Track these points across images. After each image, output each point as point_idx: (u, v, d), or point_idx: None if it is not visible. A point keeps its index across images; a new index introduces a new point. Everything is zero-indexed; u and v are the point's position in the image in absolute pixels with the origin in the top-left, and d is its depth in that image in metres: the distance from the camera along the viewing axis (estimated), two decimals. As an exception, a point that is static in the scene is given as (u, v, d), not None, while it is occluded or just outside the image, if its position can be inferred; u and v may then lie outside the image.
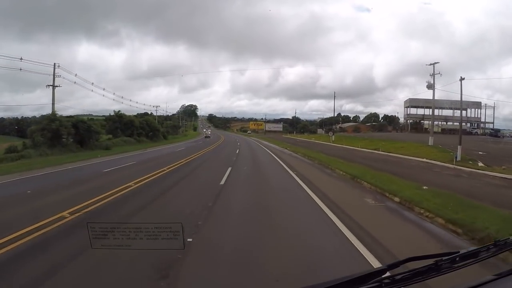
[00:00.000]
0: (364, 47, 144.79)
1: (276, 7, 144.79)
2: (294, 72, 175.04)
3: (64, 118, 25.22)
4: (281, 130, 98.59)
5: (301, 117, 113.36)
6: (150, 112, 59.65)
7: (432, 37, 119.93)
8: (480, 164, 17.72)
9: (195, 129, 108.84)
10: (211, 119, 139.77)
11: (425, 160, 19.29)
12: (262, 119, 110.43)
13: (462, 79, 19.73)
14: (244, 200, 7.41)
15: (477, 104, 58.41)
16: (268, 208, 6.57)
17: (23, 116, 51.30)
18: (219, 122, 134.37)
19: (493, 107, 61.97)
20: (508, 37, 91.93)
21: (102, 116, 47.33)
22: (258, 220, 5.61)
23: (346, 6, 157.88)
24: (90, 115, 54.68)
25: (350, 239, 4.48)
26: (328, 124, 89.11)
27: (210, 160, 18.52)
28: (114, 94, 42.14)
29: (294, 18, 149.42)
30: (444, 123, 62.61)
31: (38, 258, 3.86)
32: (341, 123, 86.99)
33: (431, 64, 27.80)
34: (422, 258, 1.33)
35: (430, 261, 1.28)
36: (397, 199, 7.49)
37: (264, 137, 68.33)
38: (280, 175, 11.93)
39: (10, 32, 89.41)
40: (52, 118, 23.67)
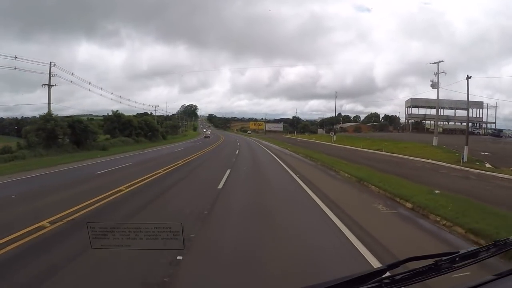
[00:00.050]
0: (364, 47, 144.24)
1: (276, 7, 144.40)
2: (294, 72, 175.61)
3: (59, 118, 24.64)
4: (281, 130, 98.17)
5: (301, 117, 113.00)
6: (150, 112, 59.38)
7: (432, 37, 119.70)
8: (488, 165, 17.42)
9: (195, 129, 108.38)
10: (211, 119, 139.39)
11: (430, 161, 18.89)
12: (262, 119, 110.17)
13: (468, 78, 19.14)
14: (243, 207, 6.77)
15: (478, 104, 57.93)
16: (269, 216, 5.98)
17: (23, 116, 50.86)
18: (219, 122, 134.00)
19: (494, 107, 61.64)
20: (508, 36, 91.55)
21: (102, 116, 46.81)
22: (259, 232, 4.96)
23: (346, 6, 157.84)
24: (90, 115, 54.57)
25: (365, 256, 3.88)
26: (328, 124, 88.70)
27: (208, 161, 17.92)
28: (112, 93, 41.51)
29: (294, 18, 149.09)
30: (446, 123, 62.23)
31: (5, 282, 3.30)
32: (341, 123, 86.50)
33: (435, 63, 27.19)
34: (422, 258, 1.32)
35: (430, 261, 1.27)
36: (409, 205, 6.94)
37: (264, 137, 67.83)
38: (281, 178, 11.33)
39: (10, 32, 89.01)
40: (47, 118, 23.09)
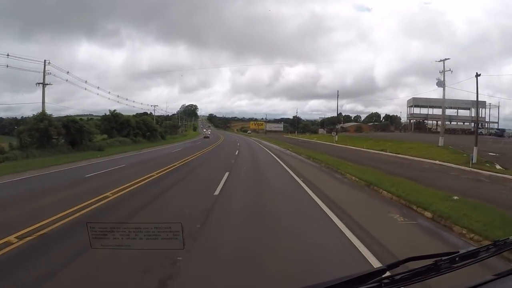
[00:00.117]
0: (364, 47, 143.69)
1: (276, 6, 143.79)
2: (294, 72, 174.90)
3: (54, 117, 23.89)
4: (281, 130, 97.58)
5: (301, 117, 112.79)
6: (149, 112, 58.73)
7: (432, 36, 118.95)
8: (498, 166, 16.72)
9: (195, 129, 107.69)
10: (212, 119, 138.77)
11: (438, 162, 18.13)
12: (263, 119, 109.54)
13: (478, 75, 18.34)
14: (241, 217, 6.00)
15: (481, 104, 57.19)
16: (271, 228, 5.21)
17: (23, 116, 50.18)
18: (219, 122, 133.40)
19: (497, 106, 60.99)
20: (508, 36, 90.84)
21: (102, 116, 46.14)
22: (259, 256, 4.09)
23: (346, 6, 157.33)
24: (91, 115, 54.10)
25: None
26: (329, 123, 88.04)
27: (206, 162, 17.13)
28: (109, 93, 40.62)
29: (295, 17, 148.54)
30: (448, 122, 61.59)
31: None
32: (342, 123, 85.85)
33: (440, 61, 26.33)
34: (422, 258, 1.30)
35: (430, 261, 1.25)
36: (428, 214, 6.19)
37: (264, 137, 67.09)
38: (284, 181, 10.52)
39: (10, 32, 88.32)
40: (40, 117, 22.34)
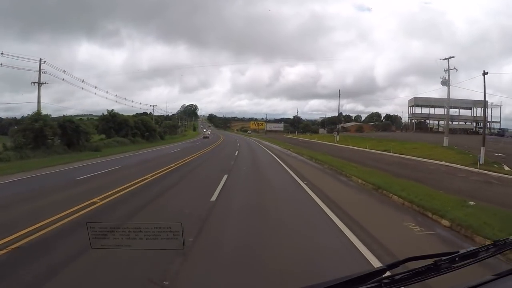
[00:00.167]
0: (364, 47, 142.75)
1: (276, 6, 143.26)
2: (294, 72, 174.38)
3: (49, 117, 23.30)
4: (282, 130, 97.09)
5: (302, 116, 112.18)
6: (149, 112, 58.24)
7: (432, 36, 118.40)
8: (506, 168, 16.21)
9: (195, 129, 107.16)
10: (212, 119, 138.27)
11: (444, 163, 17.64)
12: (263, 119, 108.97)
13: (485, 73, 17.77)
14: (240, 226, 5.43)
15: (483, 103, 56.60)
16: (273, 240, 4.66)
17: (23, 116, 49.64)
18: (219, 122, 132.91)
19: (499, 106, 60.49)
20: (509, 36, 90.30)
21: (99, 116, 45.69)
22: (260, 275, 3.55)
23: (346, 6, 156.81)
24: (91, 115, 53.76)
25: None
26: (330, 123, 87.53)
27: (204, 164, 16.55)
28: (107, 92, 40.25)
29: (295, 17, 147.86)
30: (450, 122, 61.06)
31: None
32: (343, 123, 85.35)
33: (445, 59, 25.73)
34: (422, 258, 1.30)
35: (430, 261, 1.24)
36: (446, 223, 5.64)
37: (265, 137, 66.55)
38: (287, 185, 9.89)
39: (10, 32, 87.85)
40: (35, 117, 21.77)
